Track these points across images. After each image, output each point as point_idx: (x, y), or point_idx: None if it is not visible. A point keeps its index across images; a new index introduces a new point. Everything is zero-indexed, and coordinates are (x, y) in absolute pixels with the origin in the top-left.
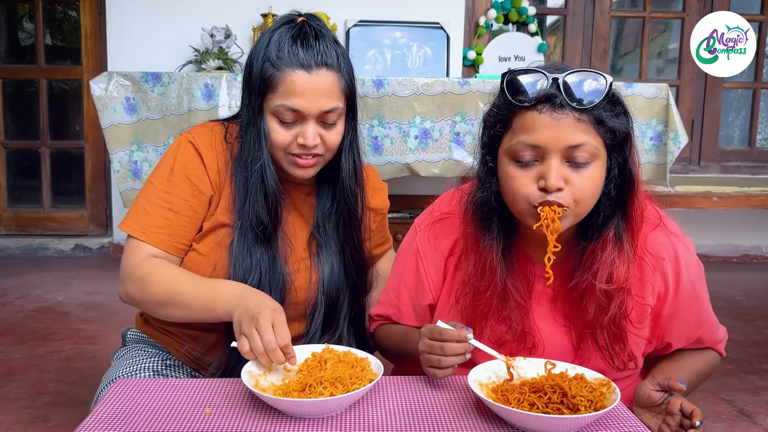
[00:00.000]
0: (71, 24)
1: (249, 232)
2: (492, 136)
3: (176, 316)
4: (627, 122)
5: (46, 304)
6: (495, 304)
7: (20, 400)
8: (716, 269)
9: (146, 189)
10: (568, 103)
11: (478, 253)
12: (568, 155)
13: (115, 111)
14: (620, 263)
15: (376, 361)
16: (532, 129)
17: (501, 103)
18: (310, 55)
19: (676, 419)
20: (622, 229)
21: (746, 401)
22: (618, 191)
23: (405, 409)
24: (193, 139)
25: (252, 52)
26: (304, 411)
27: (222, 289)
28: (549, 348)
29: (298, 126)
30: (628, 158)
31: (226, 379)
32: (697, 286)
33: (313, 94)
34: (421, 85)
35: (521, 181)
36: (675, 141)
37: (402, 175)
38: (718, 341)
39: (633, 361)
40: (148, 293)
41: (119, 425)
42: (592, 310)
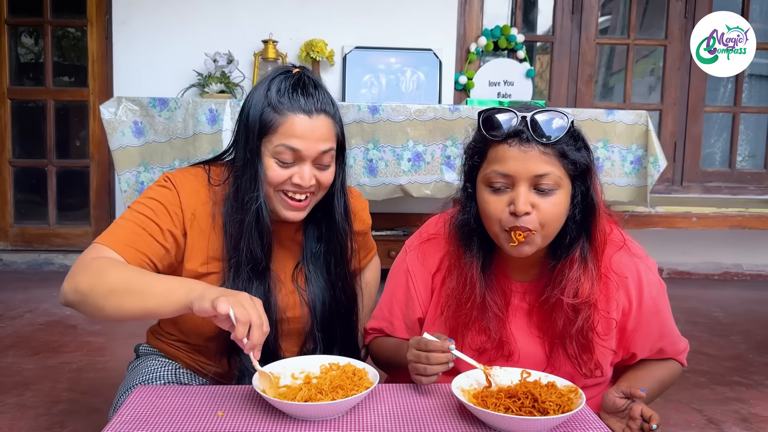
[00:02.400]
0: (69, 41)
1: (243, 271)
2: (471, 165)
3: (128, 308)
4: (587, 156)
5: (55, 317)
6: (475, 315)
7: (36, 408)
8: (698, 286)
9: (124, 212)
10: (534, 138)
11: (460, 269)
12: (535, 183)
13: (124, 134)
14: (585, 280)
15: (373, 371)
16: (503, 160)
17: (478, 137)
18: (310, 102)
19: (637, 423)
20: (586, 249)
21: (715, 411)
22: (582, 216)
23: (396, 413)
24: (173, 180)
25: (248, 100)
26: (308, 414)
27: (185, 280)
28: (524, 356)
29: (295, 167)
30: (590, 187)
31: (236, 386)
32: (658, 301)
33: (312, 137)
34: (414, 111)
35: (495, 206)
36: (654, 165)
37: (396, 195)
38: (680, 352)
39: (599, 369)
40: (100, 283)
41: (142, 425)
42: (561, 323)
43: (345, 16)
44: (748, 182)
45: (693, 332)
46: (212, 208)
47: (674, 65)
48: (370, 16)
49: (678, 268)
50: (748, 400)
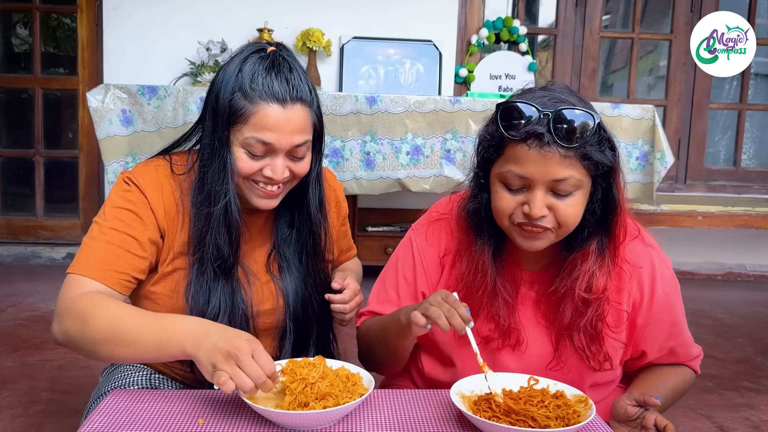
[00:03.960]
0: (64, 32)
1: (208, 268)
2: (485, 158)
3: (122, 356)
4: (612, 156)
5: (38, 312)
6: (485, 302)
7: (13, 409)
8: (701, 287)
9: (91, 229)
10: (555, 141)
11: (471, 256)
12: (552, 187)
13: (111, 123)
14: (600, 275)
15: (368, 376)
16: (521, 161)
17: (495, 132)
18: (284, 89)
19: None
20: (604, 244)
21: (725, 418)
22: (603, 212)
23: (392, 422)
24: (136, 180)
25: (219, 79)
26: (297, 423)
27: (176, 325)
28: (531, 347)
29: (267, 159)
30: (612, 185)
31: (219, 391)
32: (671, 297)
33: (286, 129)
34: (413, 103)
35: (508, 203)
36: (661, 161)
37: (393, 190)
38: (693, 357)
39: (609, 362)
40: (88, 329)
41: None
42: (570, 314)
43: (343, 5)
44: (752, 181)
45: (698, 334)
46: (178, 199)
47: (679, 60)
48: (369, 5)
49: (681, 268)
50: (758, 406)
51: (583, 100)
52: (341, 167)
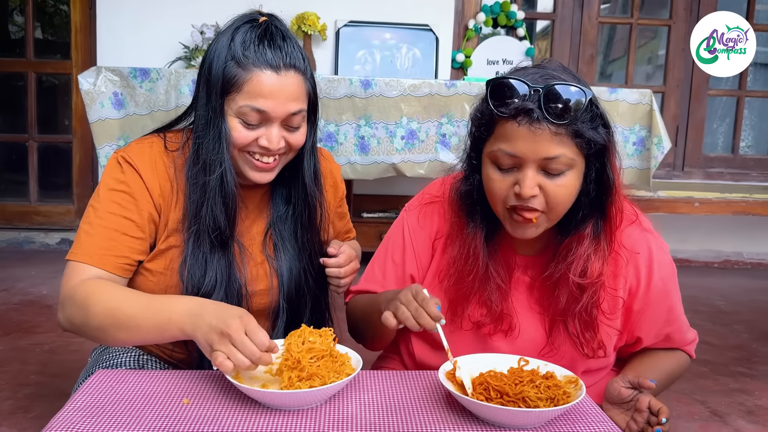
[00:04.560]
0: (62, 18)
1: (205, 240)
2: (477, 137)
3: (124, 340)
4: (606, 134)
5: (30, 297)
6: (477, 286)
7: (1, 391)
8: (698, 274)
9: (87, 213)
10: (545, 118)
11: (463, 239)
12: (543, 165)
13: (103, 106)
14: (596, 259)
15: (356, 357)
16: (511, 139)
17: (485, 110)
18: (278, 56)
19: (643, 416)
20: (600, 227)
21: (719, 403)
22: (597, 193)
23: (380, 402)
24: (130, 159)
25: (211, 50)
26: (282, 402)
27: (173, 307)
28: (523, 332)
29: (262, 128)
30: (606, 164)
31: (205, 371)
32: (668, 284)
33: (280, 96)
34: (408, 86)
35: (499, 185)
36: (658, 146)
37: (388, 175)
38: (688, 342)
39: (602, 350)
40: (91, 316)
41: (96, 413)
42: (564, 300)
43: None
44: (751, 168)
45: (694, 321)
46: (172, 176)
47: (678, 46)
48: None
49: (677, 256)
50: (753, 391)
51: (577, 77)
52: (335, 151)
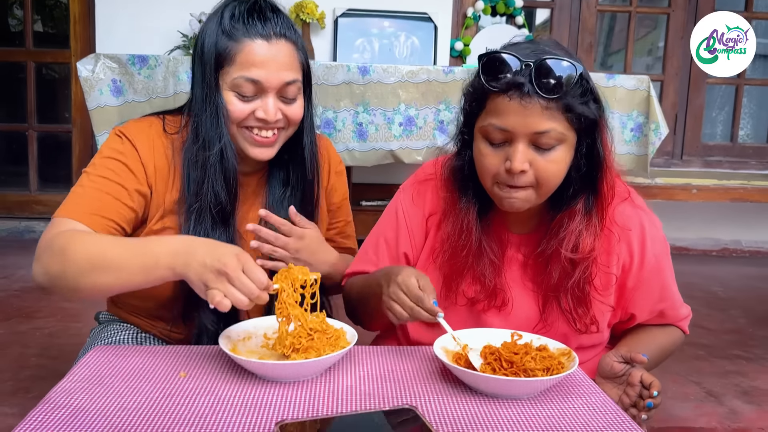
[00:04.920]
0: (61, 11)
1: (207, 217)
2: (469, 112)
3: (106, 284)
4: (597, 109)
5: (31, 284)
6: (470, 262)
7: (2, 373)
8: (696, 262)
9: (80, 179)
10: (536, 92)
11: (456, 215)
12: (534, 140)
13: (102, 93)
14: (587, 235)
15: (351, 331)
16: (502, 113)
17: (477, 84)
18: (268, 27)
19: (636, 390)
20: (591, 203)
21: (714, 384)
22: (588, 168)
23: (375, 374)
24: (128, 134)
25: (202, 30)
26: (279, 374)
27: (160, 247)
28: (517, 308)
29: (258, 100)
30: (597, 140)
31: (202, 347)
32: (661, 260)
33: (273, 65)
34: (406, 73)
35: (490, 160)
36: (656, 132)
37: (386, 161)
38: (682, 318)
39: (595, 325)
40: (69, 262)
41: (94, 386)
42: (557, 275)
43: None
44: (749, 156)
45: (690, 306)
46: (170, 157)
47: (677, 34)
48: None
49: (675, 244)
50: (748, 373)
51: (569, 52)
52: (334, 138)
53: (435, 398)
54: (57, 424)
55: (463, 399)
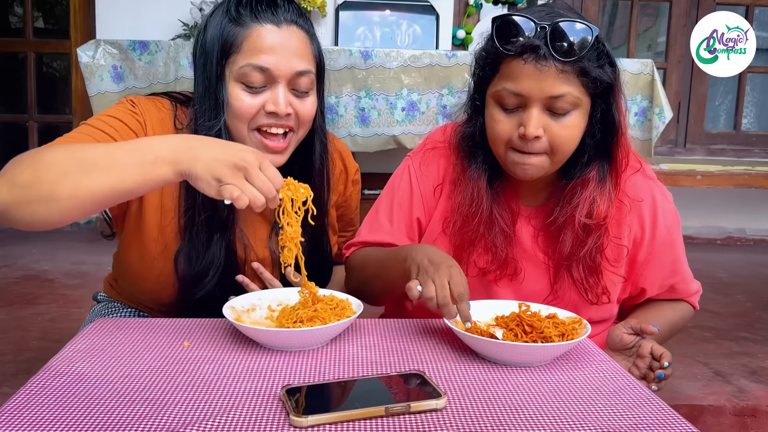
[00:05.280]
0: (63, 9)
1: (199, 221)
2: (481, 77)
3: (94, 187)
4: (612, 72)
5: (32, 272)
6: (482, 231)
7: (3, 355)
8: (700, 250)
9: (78, 128)
10: (551, 55)
11: (466, 183)
12: (549, 105)
13: (102, 79)
14: (601, 201)
15: (357, 302)
16: (516, 77)
17: (490, 48)
18: (279, 12)
19: (646, 361)
20: (605, 170)
21: (722, 364)
22: (602, 135)
23: (382, 345)
24: (142, 108)
25: (206, 21)
26: (284, 342)
27: (158, 143)
28: (528, 280)
29: (267, 92)
30: (612, 105)
31: (206, 319)
32: (673, 233)
33: (284, 51)
34: (408, 57)
35: (503, 126)
36: (660, 116)
37: (389, 147)
38: (692, 293)
39: (606, 296)
40: (46, 164)
41: (97, 355)
42: (570, 243)
43: None
44: (753, 144)
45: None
46: None
47: (679, 22)
48: None
49: None
50: (756, 354)
51: (582, 16)
52: (336, 124)
53: (444, 365)
54: (57, 391)
55: (472, 366)
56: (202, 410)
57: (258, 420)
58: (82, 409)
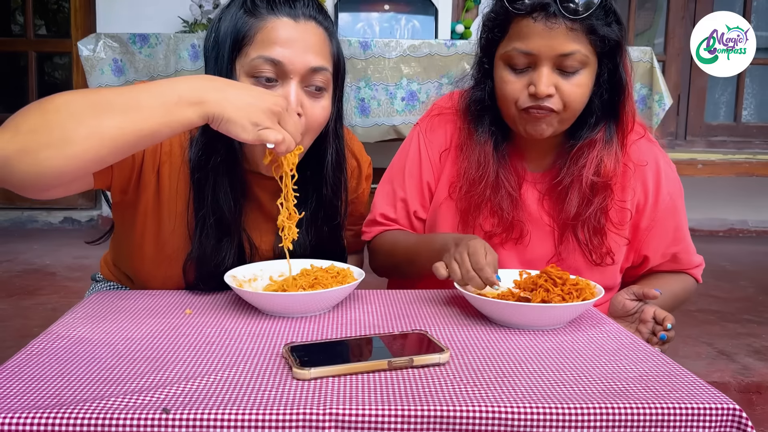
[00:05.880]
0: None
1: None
2: (489, 39)
3: (112, 130)
4: (619, 31)
5: (34, 266)
6: (488, 194)
7: (4, 341)
8: (703, 242)
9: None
10: (561, 13)
11: (472, 148)
12: (559, 63)
13: (103, 72)
14: (608, 161)
15: (358, 270)
16: (526, 36)
17: (499, 9)
18: (298, 6)
19: (648, 326)
20: (612, 130)
21: (726, 344)
22: (609, 95)
23: (385, 311)
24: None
25: (219, 15)
26: (286, 307)
27: (179, 83)
28: (533, 242)
29: (278, 88)
30: (619, 64)
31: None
32: (676, 201)
33: (299, 46)
34: (407, 47)
35: (513, 86)
36: (660, 103)
37: (389, 137)
38: (695, 265)
39: (610, 256)
40: (52, 109)
41: (97, 321)
42: (576, 203)
43: None
44: (753, 136)
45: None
46: (182, 154)
47: (678, 15)
48: None
49: None
50: (760, 334)
51: None
52: None
53: (448, 327)
54: (57, 352)
55: (475, 328)
56: (205, 366)
57: (261, 373)
58: (83, 366)
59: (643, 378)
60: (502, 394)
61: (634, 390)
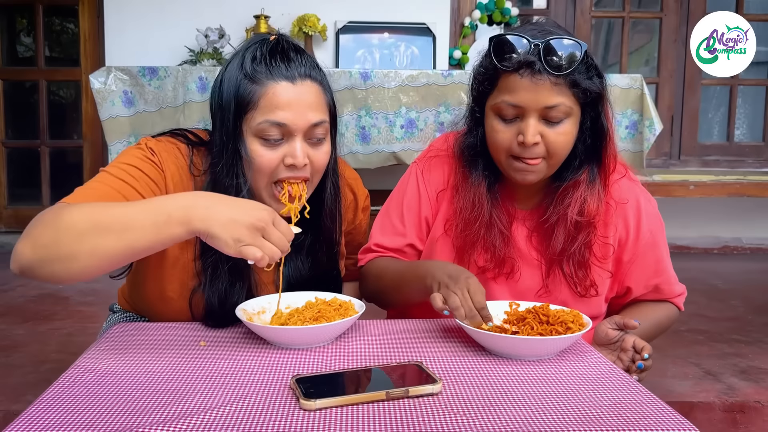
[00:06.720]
0: (69, 36)
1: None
2: (480, 91)
3: (110, 248)
4: (600, 83)
5: (47, 291)
6: (482, 233)
7: (24, 367)
8: (697, 260)
9: (98, 175)
10: (546, 69)
11: (467, 189)
12: (544, 114)
13: (114, 104)
14: (591, 201)
15: (359, 303)
16: (514, 90)
17: (489, 65)
18: (293, 68)
19: (628, 354)
20: (595, 172)
21: (713, 364)
22: (592, 140)
23: (384, 341)
24: (160, 157)
25: (221, 76)
26: (292, 339)
27: (171, 202)
28: (522, 276)
29: (285, 145)
30: (600, 113)
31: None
32: (656, 236)
33: (299, 106)
34: (406, 77)
35: (503, 135)
36: (650, 128)
37: (389, 163)
38: (677, 294)
39: (594, 288)
40: (65, 224)
41: (119, 354)
42: (562, 240)
43: None
44: (746, 155)
45: (691, 298)
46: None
47: (670, 38)
48: None
49: (676, 242)
50: (747, 354)
51: (570, 33)
52: (337, 143)
53: (442, 358)
54: (88, 385)
55: (467, 358)
56: (220, 398)
57: (271, 405)
58: (111, 398)
59: (616, 406)
60: (487, 422)
61: (606, 418)
